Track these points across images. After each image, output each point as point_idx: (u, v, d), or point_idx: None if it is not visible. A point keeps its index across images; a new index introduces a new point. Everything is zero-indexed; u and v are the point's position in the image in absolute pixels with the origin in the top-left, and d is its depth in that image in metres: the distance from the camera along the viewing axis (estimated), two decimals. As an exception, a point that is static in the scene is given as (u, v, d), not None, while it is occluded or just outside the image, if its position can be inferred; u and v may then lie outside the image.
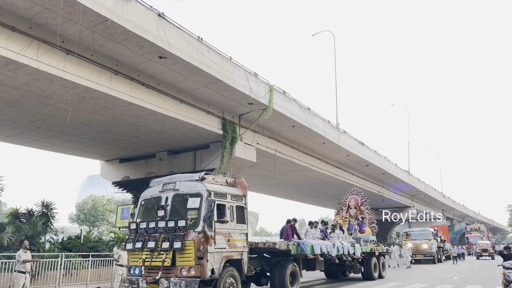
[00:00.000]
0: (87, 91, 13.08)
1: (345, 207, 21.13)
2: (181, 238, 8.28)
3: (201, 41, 14.53)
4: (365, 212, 20.60)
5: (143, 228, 9.04)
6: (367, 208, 20.85)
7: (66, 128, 16.11)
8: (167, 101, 15.40)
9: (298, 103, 20.77)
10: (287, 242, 11.68)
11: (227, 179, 10.38)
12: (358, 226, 20.22)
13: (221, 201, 9.37)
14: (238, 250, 9.56)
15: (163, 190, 9.60)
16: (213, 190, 9.27)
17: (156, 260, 8.47)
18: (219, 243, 8.90)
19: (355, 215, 20.67)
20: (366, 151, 29.57)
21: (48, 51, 11.47)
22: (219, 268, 8.71)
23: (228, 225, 9.36)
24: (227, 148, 18.38)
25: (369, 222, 20.43)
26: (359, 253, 15.40)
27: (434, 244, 30.50)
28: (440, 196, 51.13)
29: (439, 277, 17.82)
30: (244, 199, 10.33)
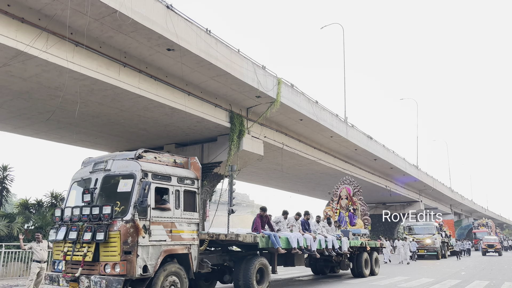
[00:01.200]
0: (96, 83, 13.13)
1: (336, 197, 19.12)
2: (104, 228, 6.82)
3: (209, 33, 14.49)
4: (358, 203, 18.61)
5: (67, 216, 7.54)
6: (360, 198, 18.92)
7: (74, 120, 16.21)
8: (175, 93, 15.42)
9: (306, 97, 20.68)
10: (254, 234, 10.10)
11: (175, 159, 8.76)
12: (349, 218, 18.24)
13: (162, 184, 7.78)
14: (185, 243, 7.98)
15: (93, 170, 7.93)
16: (152, 170, 7.64)
17: (78, 254, 7.08)
18: (157, 235, 7.38)
19: (346, 206, 18.65)
20: (374, 145, 29.42)
21: (57, 43, 11.52)
22: (155, 264, 7.20)
23: (171, 213, 7.76)
24: (234, 141, 18.39)
25: (361, 214, 18.51)
26: (346, 247, 13.88)
27: (438, 239, 29.28)
28: (448, 191, 50.80)
29: (446, 272, 17.75)
30: (196, 182, 8.66)
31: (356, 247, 15.02)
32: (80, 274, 6.91)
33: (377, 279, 14.81)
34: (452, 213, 58.11)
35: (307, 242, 11.77)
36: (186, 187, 8.35)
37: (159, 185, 7.71)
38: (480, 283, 13.51)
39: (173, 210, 7.83)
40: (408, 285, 12.79)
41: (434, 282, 13.75)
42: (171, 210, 7.79)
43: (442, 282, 13.76)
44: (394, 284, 13.18)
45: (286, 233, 11.33)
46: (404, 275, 16.03)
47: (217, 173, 19.84)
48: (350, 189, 19.09)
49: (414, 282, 13.74)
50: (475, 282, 13.68)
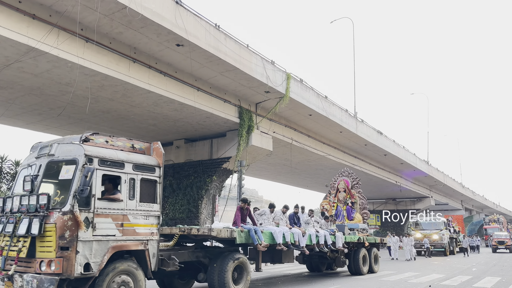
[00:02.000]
0: (106, 78, 13.22)
1: (334, 190, 17.94)
2: (39, 220, 6.01)
3: (218, 28, 14.48)
4: (356, 196, 17.42)
5: (8, 206, 6.74)
6: (359, 191, 17.73)
7: (85, 115, 16.36)
8: (184, 89, 15.46)
9: (315, 92, 20.60)
10: (231, 229, 9.19)
11: (134, 144, 7.70)
12: (347, 212, 17.18)
13: (113, 171, 6.84)
14: (140, 238, 7.06)
15: (38, 156, 7.04)
16: (99, 155, 6.67)
17: (13, 249, 6.28)
18: (104, 229, 6.51)
19: (344, 200, 17.48)
20: (384, 140, 29.23)
21: (67, 39, 11.61)
22: (100, 262, 6.32)
23: (122, 205, 6.84)
24: (243, 136, 18.41)
25: (360, 207, 17.29)
26: (341, 243, 13.01)
27: (445, 234, 28.19)
28: (459, 186, 50.32)
29: (457, 268, 17.62)
30: (158, 170, 7.69)
31: (353, 243, 14.23)
32: (14, 271, 6.09)
33: (386, 275, 14.75)
34: (463, 209, 57.60)
35: (295, 237, 10.78)
36: (144, 175, 7.36)
37: (108, 173, 6.77)
38: (491, 279, 13.39)
39: (125, 201, 6.90)
40: (418, 281, 12.73)
41: (445, 278, 13.66)
42: (124, 201, 6.87)
43: (452, 278, 13.67)
44: (404, 279, 13.12)
45: (271, 228, 10.36)
46: (414, 271, 15.96)
47: (226, 168, 19.90)
48: (348, 182, 17.94)
49: (424, 278, 13.67)
50: (487, 278, 13.57)
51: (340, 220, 16.73)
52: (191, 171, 20.39)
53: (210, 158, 19.96)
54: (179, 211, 20.36)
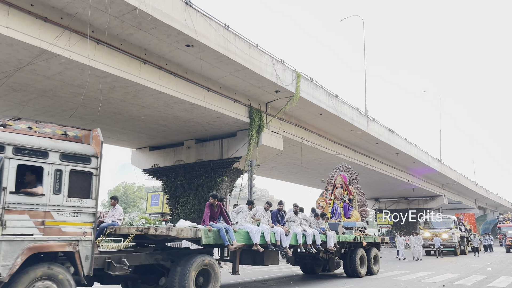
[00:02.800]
0: (117, 80, 13.33)
1: (331, 186, 16.62)
2: None
3: (228, 28, 14.50)
4: (354, 193, 16.21)
5: None
6: (357, 187, 16.49)
7: (97, 116, 16.51)
8: (195, 89, 15.51)
9: (326, 90, 20.50)
10: (195, 228, 8.16)
11: (67, 131, 6.86)
12: (344, 210, 15.88)
13: (32, 161, 5.99)
14: (68, 238, 6.17)
15: None
16: (14, 143, 5.80)
17: None
18: (18, 227, 5.67)
19: (341, 196, 16.18)
20: (396, 139, 28.97)
21: (79, 41, 11.73)
22: (11, 265, 5.48)
23: (44, 199, 5.99)
24: (253, 136, 18.41)
25: (358, 205, 16.13)
26: (333, 243, 11.99)
27: (456, 233, 27.16)
28: (472, 185, 49.65)
29: (471, 267, 17.38)
30: (93, 161, 6.69)
31: (348, 243, 13.36)
32: None
33: (399, 274, 14.62)
34: (477, 208, 56.85)
35: (277, 236, 9.79)
36: (75, 166, 6.43)
37: (26, 163, 5.92)
38: (507, 278, 13.18)
39: (48, 196, 6.04)
40: (432, 281, 12.59)
41: (459, 277, 13.49)
42: (46, 196, 6.01)
43: (467, 277, 13.49)
44: (417, 279, 12.99)
45: (247, 226, 9.36)
46: (427, 270, 15.79)
47: (236, 168, 19.92)
48: (346, 177, 16.57)
49: (437, 277, 13.52)
50: (502, 278, 13.37)
51: (337, 218, 15.67)
52: (201, 171, 20.47)
53: (221, 158, 20.01)
54: (190, 211, 20.46)
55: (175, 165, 21.74)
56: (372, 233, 31.08)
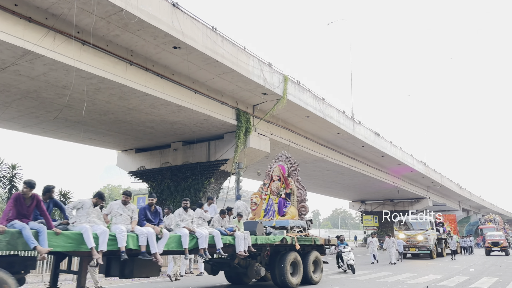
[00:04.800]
0: (103, 81, 13.21)
1: (268, 179, 14.07)
2: None
3: (215, 31, 14.50)
4: (293, 186, 13.58)
5: None
6: (297, 180, 13.90)
7: (82, 118, 16.34)
8: (182, 91, 15.46)
9: (313, 93, 20.64)
10: None
11: None
12: (278, 206, 13.17)
13: None
14: None
15: None
16: None
17: None
18: None
19: (278, 191, 13.56)
20: (381, 141, 29.30)
21: (64, 42, 11.60)
22: None
23: None
24: (241, 138, 18.42)
25: (297, 200, 13.39)
26: (243, 247, 9.51)
27: (432, 235, 25.53)
28: (456, 187, 50.45)
29: (454, 269, 17.65)
30: None
31: (276, 246, 10.80)
32: None
33: (384, 276, 14.75)
34: (461, 209, 57.74)
35: (141, 240, 7.26)
36: None
37: None
38: (489, 279, 13.42)
39: None
40: (416, 282, 12.74)
41: (442, 278, 13.68)
42: None
43: (450, 278, 13.69)
44: (401, 280, 13.13)
45: (82, 227, 6.66)
46: (411, 272, 15.97)
47: (224, 170, 19.90)
48: (284, 168, 14.08)
49: (422, 278, 13.69)
50: (484, 279, 13.59)
51: (269, 216, 13.08)
52: (189, 174, 20.39)
53: (208, 160, 19.97)
54: (176, 213, 20.33)
55: (161, 167, 21.62)
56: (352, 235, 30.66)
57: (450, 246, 27.67)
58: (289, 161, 14.22)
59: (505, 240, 30.67)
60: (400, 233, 25.64)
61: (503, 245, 30.04)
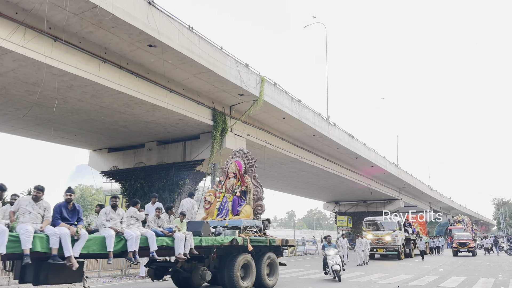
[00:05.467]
0: (75, 78, 12.89)
1: (224, 176, 13.26)
2: None
3: (192, 30, 14.39)
4: (249, 183, 12.68)
5: None
6: (254, 177, 12.96)
7: (53, 116, 15.90)
8: (157, 90, 15.26)
9: (289, 95, 20.76)
10: None
11: None
12: (232, 205, 12.32)
13: None
14: None
15: None
16: None
17: None
18: None
19: (233, 188, 12.70)
20: (355, 144, 29.75)
21: (34, 37, 11.25)
22: None
23: None
24: (217, 139, 18.33)
25: (254, 198, 12.56)
26: (184, 249, 8.62)
27: (399, 236, 25.30)
28: (427, 189, 51.79)
29: (425, 269, 18.09)
30: None
31: (222, 247, 9.99)
32: None
33: (357, 276, 14.97)
34: (431, 211, 59.24)
35: (51, 242, 6.39)
36: None
37: None
38: (457, 279, 13.82)
39: None
40: (387, 282, 12.98)
41: (413, 278, 14.00)
42: None
43: (420, 278, 14.02)
44: (373, 280, 13.36)
45: None
46: (383, 272, 16.27)
47: (199, 171, 19.76)
48: (241, 164, 13.13)
49: (393, 278, 13.96)
50: (452, 278, 13.99)
51: (222, 215, 12.27)
52: (163, 174, 20.13)
53: (183, 160, 19.77)
54: (150, 214, 20.04)
55: (135, 167, 21.27)
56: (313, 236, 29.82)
57: (419, 246, 27.30)
58: (247, 157, 13.27)
59: (472, 241, 30.61)
60: (368, 233, 25.42)
61: (470, 245, 29.90)
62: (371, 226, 26.64)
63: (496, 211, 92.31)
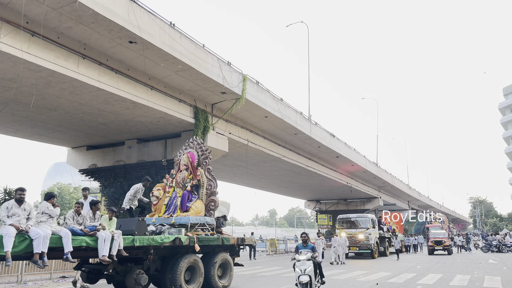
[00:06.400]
0: (53, 75, 12.61)
1: (176, 169, 12.20)
2: None
3: (173, 27, 14.25)
4: (202, 176, 11.47)
5: None
6: (208, 169, 11.80)
7: (30, 113, 15.53)
8: (137, 87, 15.06)
9: (271, 94, 20.79)
10: None
11: None
12: (181, 200, 11.14)
13: None
14: None
15: None
16: None
17: None
18: None
19: (183, 182, 11.53)
20: (336, 143, 30.02)
21: (11, 32, 10.94)
22: None
23: None
24: (199, 137, 18.20)
25: (207, 193, 11.44)
26: (110, 250, 7.64)
27: (373, 234, 24.92)
28: (406, 187, 52.72)
29: (403, 266, 18.42)
30: None
31: (161, 248, 9.02)
32: None
33: (336, 274, 15.12)
34: (410, 209, 60.35)
35: None
36: None
37: None
38: (434, 276, 14.12)
39: None
40: (366, 279, 13.18)
41: (391, 275, 14.25)
42: None
43: (398, 275, 14.28)
44: (353, 278, 13.53)
45: None
46: (363, 269, 16.50)
47: (180, 169, 19.59)
48: (194, 156, 11.93)
49: (372, 276, 14.18)
50: (430, 275, 14.29)
51: (170, 212, 11.12)
52: (143, 172, 19.85)
53: (165, 158, 19.59)
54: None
55: (114, 165, 20.95)
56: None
57: (394, 245, 26.69)
58: (201, 148, 12.17)
59: (448, 239, 30.15)
60: (341, 231, 24.83)
61: (446, 244, 29.30)
62: (345, 224, 26.18)
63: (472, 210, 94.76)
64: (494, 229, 71.14)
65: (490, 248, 32.54)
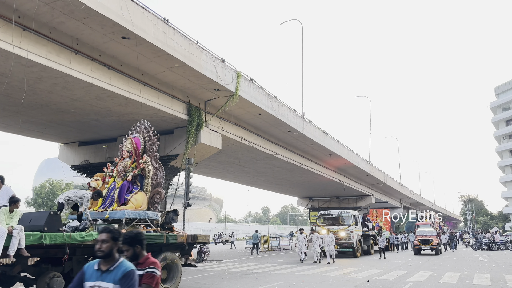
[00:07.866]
0: (45, 70, 12.49)
1: (119, 157, 10.93)
2: None
3: (167, 23, 14.18)
4: (148, 165, 10.11)
5: None
6: (155, 157, 10.34)
7: (21, 108, 15.37)
8: (130, 83, 14.98)
9: (265, 91, 20.78)
10: None
11: None
12: (120, 192, 9.84)
13: None
14: None
15: None
16: None
17: None
18: None
19: (125, 171, 10.22)
20: (329, 140, 30.10)
21: (2, 26, 10.82)
22: None
23: None
24: (192, 134, 18.17)
25: (153, 184, 10.04)
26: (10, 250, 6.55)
27: (355, 231, 23.19)
28: (398, 185, 53.02)
29: (394, 263, 18.56)
30: None
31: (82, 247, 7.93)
32: None
33: (328, 270, 15.20)
34: (401, 207, 60.78)
35: None
36: None
37: None
38: (424, 273, 14.25)
39: None
40: (358, 276, 13.26)
41: (383, 272, 14.36)
42: None
43: (390, 272, 14.40)
44: (344, 275, 13.62)
45: None
46: (354, 267, 16.60)
47: (173, 166, 19.55)
48: (139, 141, 10.60)
49: (363, 273, 14.27)
50: (420, 273, 14.42)
51: (105, 205, 9.79)
52: (136, 169, 19.81)
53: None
54: (123, 209, 19.70)
55: (107, 161, 20.81)
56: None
57: (379, 243, 24.17)
58: (148, 132, 10.75)
59: (436, 238, 26.71)
60: (322, 228, 22.89)
61: (433, 243, 25.82)
62: (327, 221, 24.36)
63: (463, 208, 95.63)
64: (485, 227, 71.86)
65: (480, 246, 32.82)
